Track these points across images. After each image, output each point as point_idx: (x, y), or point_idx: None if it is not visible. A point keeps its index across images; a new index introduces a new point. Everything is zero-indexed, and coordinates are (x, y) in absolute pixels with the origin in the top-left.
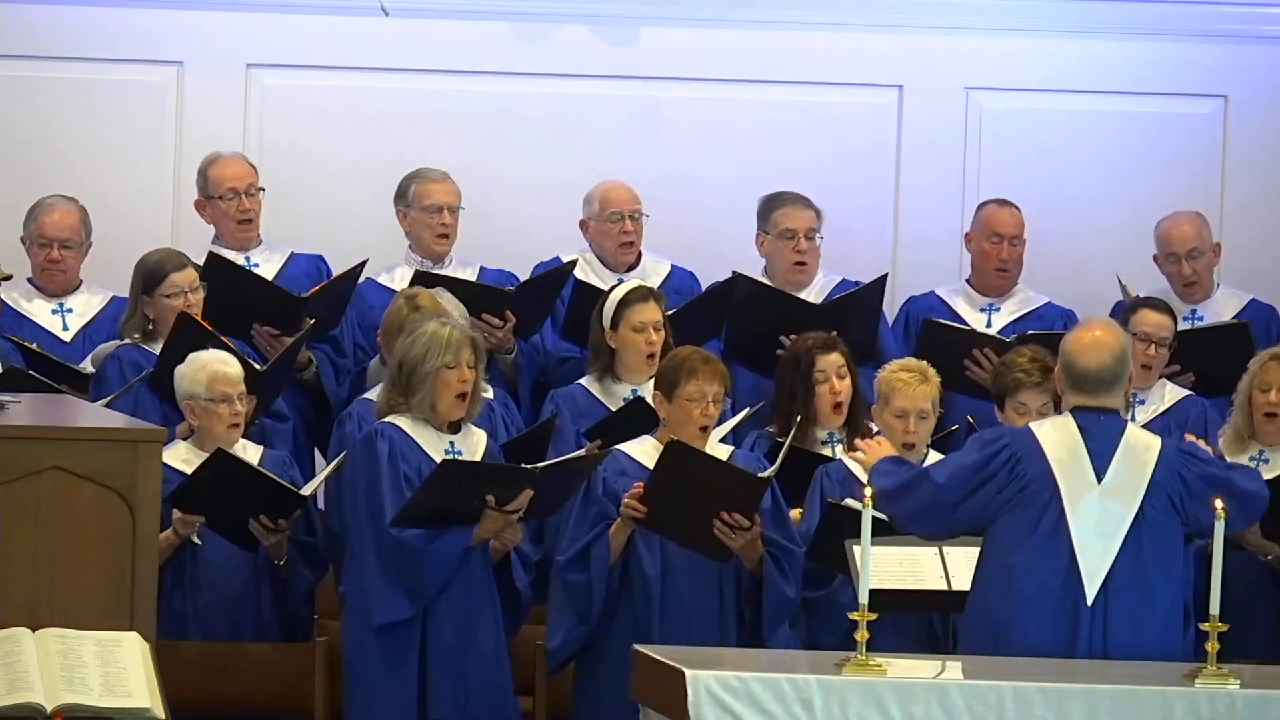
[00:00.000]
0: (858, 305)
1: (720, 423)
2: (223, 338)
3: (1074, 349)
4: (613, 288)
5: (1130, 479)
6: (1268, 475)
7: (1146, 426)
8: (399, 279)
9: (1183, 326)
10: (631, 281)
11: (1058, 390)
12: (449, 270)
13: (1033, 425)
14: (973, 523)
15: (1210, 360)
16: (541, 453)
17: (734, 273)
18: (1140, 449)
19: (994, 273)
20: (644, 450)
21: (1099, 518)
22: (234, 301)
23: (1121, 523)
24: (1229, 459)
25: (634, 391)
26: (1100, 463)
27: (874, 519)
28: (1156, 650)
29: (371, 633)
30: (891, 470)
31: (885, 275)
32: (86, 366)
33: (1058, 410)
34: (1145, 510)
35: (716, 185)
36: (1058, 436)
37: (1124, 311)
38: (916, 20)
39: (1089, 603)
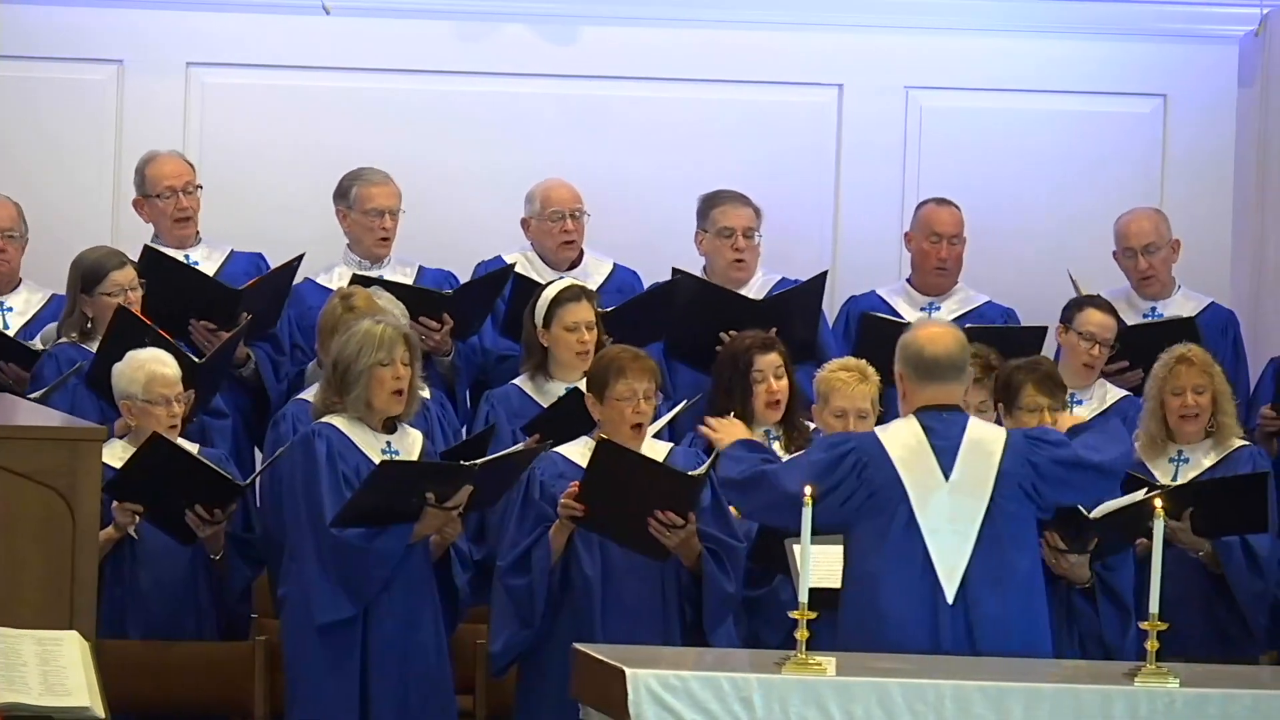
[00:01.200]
0: (797, 303)
1: (656, 418)
2: (161, 331)
3: (920, 339)
4: (547, 285)
5: (978, 473)
6: (1189, 475)
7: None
8: (337, 279)
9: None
10: (564, 280)
11: (901, 392)
12: (387, 271)
13: (877, 430)
14: (827, 526)
15: (1158, 356)
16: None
17: (674, 269)
18: (986, 441)
19: (933, 272)
20: (580, 451)
21: (950, 515)
22: (170, 296)
23: (974, 518)
24: (1149, 464)
25: (567, 390)
26: (946, 460)
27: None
28: (1022, 641)
29: (313, 633)
30: (741, 458)
31: (825, 272)
32: (36, 344)
33: (996, 408)
34: (996, 502)
35: (657, 183)
36: (901, 438)
37: (1069, 309)
38: (856, 19)
39: (950, 600)
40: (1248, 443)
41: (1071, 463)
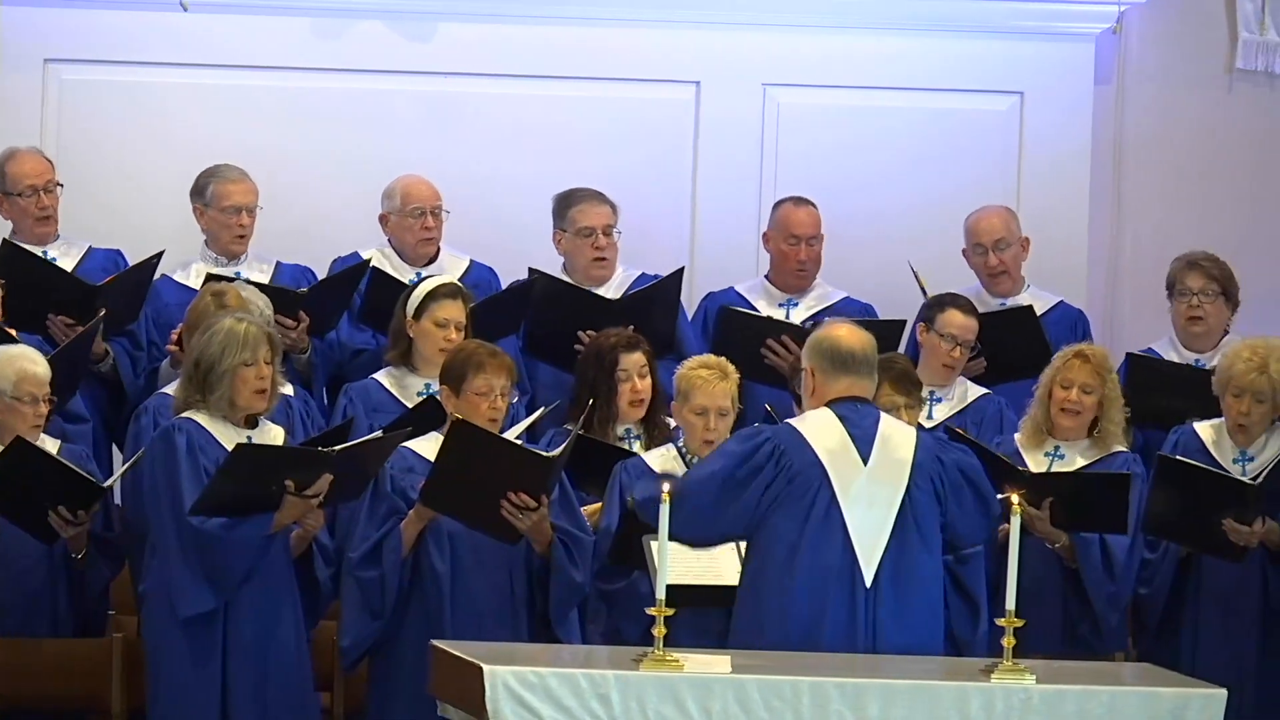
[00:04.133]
0: (655, 299)
1: (515, 421)
2: (10, 331)
3: (832, 335)
4: (424, 279)
5: (894, 460)
6: (1061, 469)
7: (944, 424)
8: (194, 276)
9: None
10: (444, 276)
11: (810, 388)
12: (244, 267)
13: (792, 420)
14: (744, 522)
15: (1001, 345)
16: None
17: (530, 269)
18: (898, 433)
19: (793, 273)
20: (431, 447)
21: (869, 499)
22: (28, 292)
23: (892, 502)
24: (1025, 452)
25: (428, 386)
26: (863, 447)
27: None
28: (925, 634)
29: (176, 627)
30: (647, 485)
31: (682, 268)
32: None
33: None
34: (910, 492)
35: (514, 180)
36: (818, 425)
37: (930, 309)
38: (714, 16)
39: (868, 584)
40: (1126, 450)
41: (969, 475)
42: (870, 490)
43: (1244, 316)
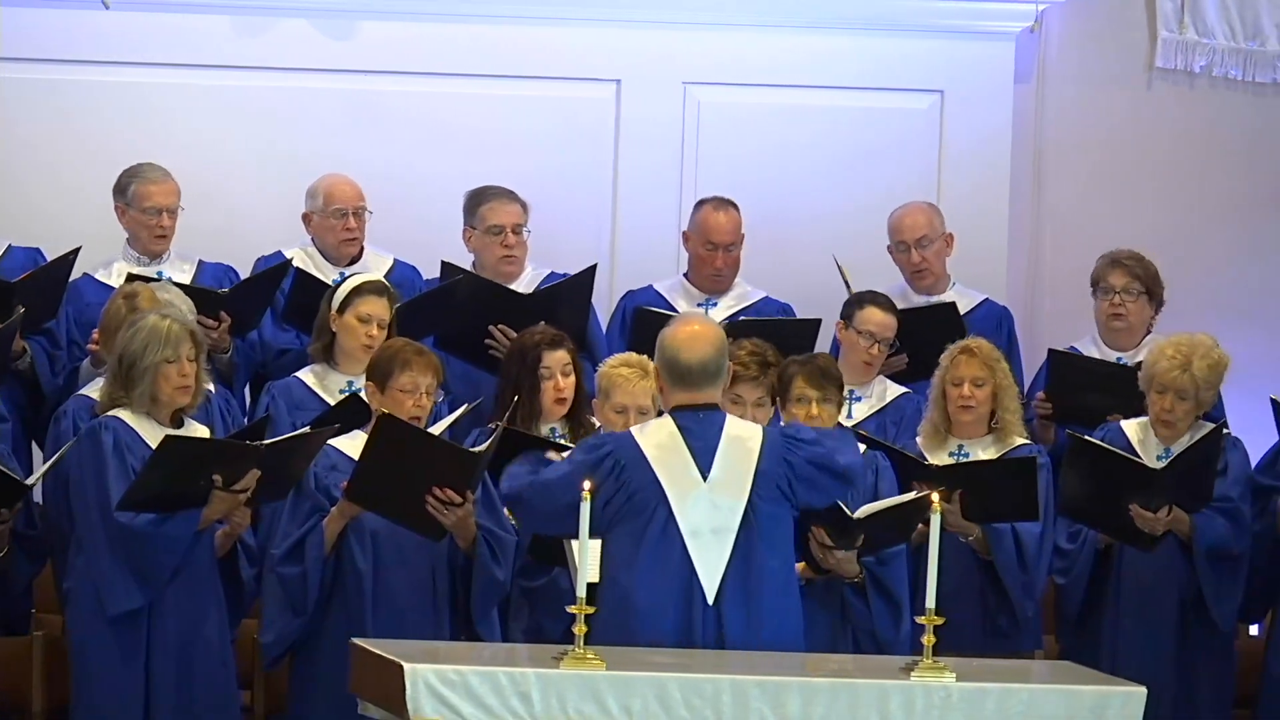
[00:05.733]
0: (567, 295)
1: (437, 419)
2: None
3: (674, 344)
4: (347, 278)
5: (736, 472)
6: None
7: (864, 423)
8: (116, 275)
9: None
10: (371, 274)
11: (659, 387)
12: (166, 266)
13: (634, 430)
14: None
15: (923, 341)
16: None
17: (443, 263)
18: (743, 440)
19: (709, 278)
20: (355, 445)
21: (709, 515)
22: None
23: (732, 517)
24: (928, 454)
25: (350, 384)
26: (704, 460)
27: None
28: (774, 643)
29: (103, 625)
30: (516, 474)
31: (594, 266)
32: None
33: (774, 404)
34: (754, 503)
35: (436, 179)
36: (658, 439)
37: (849, 307)
38: (634, 14)
39: (710, 601)
40: (1029, 442)
41: (821, 464)
42: (711, 505)
43: (1165, 314)
